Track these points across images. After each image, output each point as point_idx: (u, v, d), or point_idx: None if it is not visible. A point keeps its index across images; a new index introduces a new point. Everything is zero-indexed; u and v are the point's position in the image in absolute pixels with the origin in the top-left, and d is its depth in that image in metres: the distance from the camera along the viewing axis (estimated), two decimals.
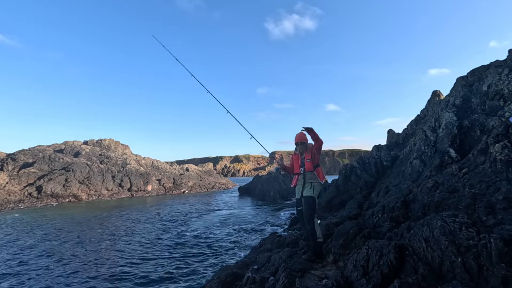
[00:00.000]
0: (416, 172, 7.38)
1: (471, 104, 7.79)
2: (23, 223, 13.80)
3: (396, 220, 4.55)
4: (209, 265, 7.15)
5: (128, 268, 7.10)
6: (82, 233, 11.13)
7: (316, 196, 4.05)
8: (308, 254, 4.13)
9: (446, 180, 4.99)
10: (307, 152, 4.27)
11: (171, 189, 33.27)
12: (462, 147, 6.32)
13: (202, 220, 13.92)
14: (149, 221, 13.84)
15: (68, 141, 34.53)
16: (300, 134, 4.33)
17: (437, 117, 8.38)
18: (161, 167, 36.35)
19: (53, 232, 11.44)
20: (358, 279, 2.85)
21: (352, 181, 10.58)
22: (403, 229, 3.79)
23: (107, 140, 37.84)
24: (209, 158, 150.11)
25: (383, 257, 2.89)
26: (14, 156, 27.50)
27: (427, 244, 2.90)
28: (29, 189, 23.49)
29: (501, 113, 6.13)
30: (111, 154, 33.97)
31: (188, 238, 10.14)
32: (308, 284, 3.07)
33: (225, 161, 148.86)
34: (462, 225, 2.82)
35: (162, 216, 15.22)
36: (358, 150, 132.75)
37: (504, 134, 4.65)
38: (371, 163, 10.76)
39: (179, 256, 7.93)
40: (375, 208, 5.30)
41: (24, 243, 9.77)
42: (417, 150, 8.05)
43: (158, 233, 11.01)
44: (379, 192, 7.64)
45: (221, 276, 4.22)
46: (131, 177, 30.35)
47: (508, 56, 8.17)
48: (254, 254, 5.62)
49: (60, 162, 28.32)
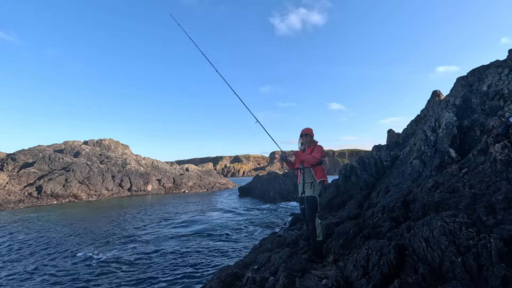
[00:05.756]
0: (416, 172, 7.37)
1: (471, 104, 7.79)
2: (23, 223, 13.80)
3: (396, 220, 4.55)
4: (209, 265, 7.15)
5: (127, 268, 7.10)
6: (82, 233, 11.13)
7: (317, 195, 4.04)
8: (308, 254, 4.13)
9: (446, 180, 4.99)
10: (309, 147, 4.29)
11: (171, 189, 33.28)
12: (462, 147, 6.31)
13: (201, 220, 13.91)
14: (148, 220, 13.84)
15: (68, 141, 34.53)
16: (308, 128, 4.37)
17: (437, 117, 8.38)
18: (161, 167, 36.35)
19: (53, 232, 11.43)
20: (358, 279, 2.85)
21: (352, 181, 10.58)
22: (403, 229, 3.79)
23: (107, 140, 37.84)
24: (209, 158, 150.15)
25: (383, 257, 2.89)
26: (14, 156, 27.50)
27: (427, 244, 2.90)
28: (29, 189, 23.50)
29: (501, 113, 6.13)
30: (111, 154, 33.97)
31: (188, 237, 10.14)
32: (308, 284, 3.07)
33: (225, 161, 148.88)
34: (462, 225, 2.82)
35: (161, 215, 15.22)
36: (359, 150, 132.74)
37: (504, 134, 4.65)
38: (371, 163, 10.76)
39: (178, 256, 7.93)
40: (375, 208, 5.30)
41: (22, 242, 9.77)
42: (417, 150, 8.05)
43: (157, 232, 11.00)
44: (379, 192, 7.64)
45: (221, 276, 4.22)
46: (131, 177, 30.36)
47: (508, 56, 8.17)
48: (254, 254, 5.61)
49: (60, 162, 28.32)
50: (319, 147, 4.26)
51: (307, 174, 4.13)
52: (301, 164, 4.20)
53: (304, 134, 4.34)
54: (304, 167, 4.16)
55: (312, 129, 4.40)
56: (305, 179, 4.13)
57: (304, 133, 4.33)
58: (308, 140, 4.33)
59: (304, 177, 4.15)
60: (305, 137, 4.33)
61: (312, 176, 4.08)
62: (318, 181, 4.06)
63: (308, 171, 4.13)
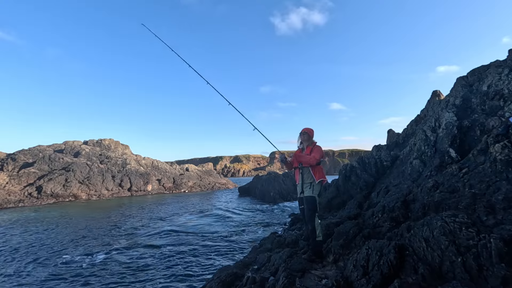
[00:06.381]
0: (416, 172, 7.37)
1: (471, 104, 7.79)
2: (23, 222, 13.80)
3: (396, 220, 4.55)
4: (209, 265, 7.15)
5: (126, 267, 7.09)
6: (81, 233, 11.13)
7: (316, 195, 4.05)
8: (308, 254, 4.13)
9: (446, 180, 4.99)
10: (308, 147, 4.30)
11: (171, 189, 33.29)
12: (462, 147, 6.31)
13: (201, 220, 13.92)
14: (148, 220, 13.84)
15: (68, 141, 34.53)
16: (309, 128, 4.40)
17: (437, 117, 8.38)
18: (161, 167, 36.35)
19: (52, 232, 11.44)
20: (358, 279, 2.85)
21: (352, 181, 10.58)
22: (403, 229, 3.79)
23: (107, 140, 37.85)
24: (209, 158, 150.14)
25: (383, 257, 2.89)
26: (14, 156, 27.51)
27: (427, 244, 2.90)
28: (29, 189, 23.50)
29: (501, 113, 6.13)
30: (111, 154, 33.97)
31: (187, 237, 10.14)
32: (308, 284, 3.07)
33: (225, 161, 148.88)
34: (462, 225, 2.82)
35: (160, 215, 15.22)
36: (359, 150, 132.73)
37: (504, 134, 4.65)
38: (371, 163, 10.76)
39: (178, 256, 7.93)
40: (375, 208, 5.30)
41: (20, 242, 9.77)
42: (417, 150, 8.05)
43: (157, 232, 11.00)
44: (379, 192, 7.64)
45: (221, 276, 4.22)
46: (131, 177, 30.36)
47: (508, 56, 8.17)
48: (254, 254, 5.62)
49: (60, 162, 28.33)
50: (318, 147, 4.27)
51: (306, 174, 4.13)
52: (299, 163, 4.21)
53: (303, 132, 4.38)
54: (303, 167, 4.17)
55: (313, 130, 4.42)
56: (304, 179, 4.13)
57: (303, 132, 4.37)
58: (306, 139, 4.35)
59: (303, 177, 4.15)
60: (303, 136, 4.36)
61: (311, 176, 4.08)
62: (317, 181, 4.06)
63: (307, 171, 4.13)
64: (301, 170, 4.18)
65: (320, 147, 4.28)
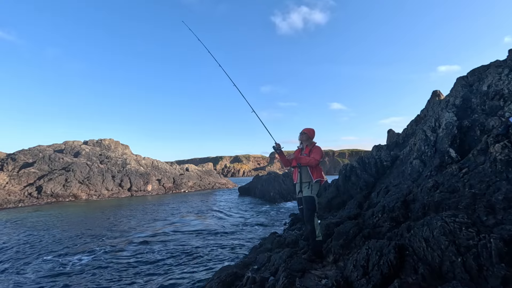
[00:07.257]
0: (416, 172, 7.38)
1: (471, 104, 7.79)
2: (22, 222, 13.80)
3: (396, 220, 4.55)
4: (208, 265, 7.15)
5: (125, 267, 7.09)
6: (80, 232, 11.13)
7: (315, 195, 4.05)
8: (308, 254, 4.13)
9: (446, 180, 4.99)
10: (307, 147, 4.32)
11: (171, 189, 33.29)
12: (462, 147, 6.31)
13: (201, 220, 13.91)
14: (147, 220, 13.84)
15: (68, 141, 34.54)
16: (310, 128, 4.43)
17: (437, 117, 8.38)
18: (161, 167, 36.35)
19: (51, 232, 11.43)
20: (358, 279, 2.86)
21: (352, 181, 10.58)
22: (403, 229, 3.79)
23: (107, 140, 37.85)
24: (209, 158, 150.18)
25: (383, 257, 2.89)
26: (14, 156, 27.51)
27: (427, 244, 2.90)
28: (29, 189, 23.50)
29: (501, 113, 6.13)
30: (111, 154, 33.97)
31: (187, 237, 10.14)
32: (308, 284, 3.07)
33: (225, 161, 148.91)
34: (462, 225, 2.82)
35: (160, 215, 15.22)
36: (359, 150, 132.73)
37: (504, 134, 4.65)
38: (371, 163, 10.76)
39: (177, 256, 7.93)
40: (375, 208, 5.30)
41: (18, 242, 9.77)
42: (417, 150, 8.05)
43: (156, 232, 11.00)
44: (379, 192, 7.64)
45: (221, 276, 4.22)
46: (131, 177, 30.36)
47: (508, 56, 8.17)
48: (254, 254, 5.62)
49: (60, 162, 28.33)
50: (317, 148, 4.27)
51: (304, 173, 4.14)
52: (298, 162, 4.22)
53: (302, 133, 4.41)
54: (301, 166, 4.17)
55: (313, 130, 4.43)
56: (302, 179, 4.14)
57: (303, 132, 4.40)
58: (305, 139, 4.37)
59: (301, 176, 4.16)
60: (302, 136, 4.39)
61: (309, 176, 4.09)
62: (315, 181, 4.06)
63: (305, 171, 4.14)
64: (299, 169, 4.19)
65: (319, 148, 4.28)
